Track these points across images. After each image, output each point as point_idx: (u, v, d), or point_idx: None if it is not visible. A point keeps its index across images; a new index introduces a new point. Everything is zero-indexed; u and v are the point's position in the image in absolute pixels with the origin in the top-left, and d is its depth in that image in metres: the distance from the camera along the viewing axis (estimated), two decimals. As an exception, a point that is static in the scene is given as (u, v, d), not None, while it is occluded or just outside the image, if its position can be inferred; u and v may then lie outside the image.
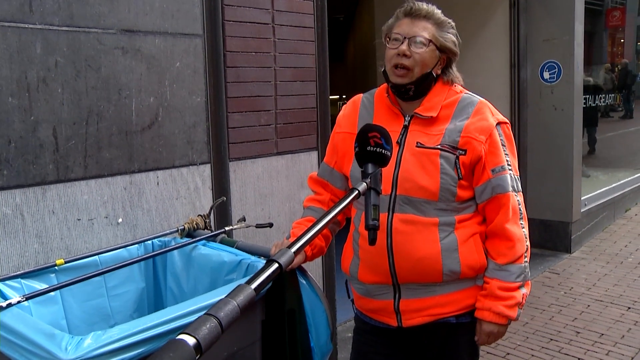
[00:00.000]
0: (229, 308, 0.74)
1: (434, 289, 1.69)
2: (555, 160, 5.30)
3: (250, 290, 0.78)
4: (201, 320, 0.72)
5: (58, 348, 1.31)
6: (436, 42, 1.65)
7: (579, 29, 5.16)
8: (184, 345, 0.68)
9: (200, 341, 0.69)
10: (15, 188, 1.97)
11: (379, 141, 1.30)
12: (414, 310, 1.72)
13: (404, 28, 1.65)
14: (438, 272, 1.66)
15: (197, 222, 2.20)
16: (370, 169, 1.26)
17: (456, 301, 1.71)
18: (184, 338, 0.69)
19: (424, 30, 1.64)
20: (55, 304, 1.86)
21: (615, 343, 3.55)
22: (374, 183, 1.22)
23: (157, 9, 2.35)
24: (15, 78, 1.96)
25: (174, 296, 2.11)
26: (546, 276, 4.82)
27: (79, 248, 2.14)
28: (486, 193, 1.67)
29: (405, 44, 1.63)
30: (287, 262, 0.87)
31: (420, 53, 1.63)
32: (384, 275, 1.70)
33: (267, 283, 0.83)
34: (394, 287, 1.71)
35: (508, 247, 1.67)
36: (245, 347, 1.76)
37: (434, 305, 1.71)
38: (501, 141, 1.68)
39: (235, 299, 0.76)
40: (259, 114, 2.78)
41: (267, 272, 0.84)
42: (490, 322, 1.68)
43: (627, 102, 8.48)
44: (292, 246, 0.91)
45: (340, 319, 3.60)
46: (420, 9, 1.66)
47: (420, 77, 1.65)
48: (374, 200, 1.21)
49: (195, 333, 0.69)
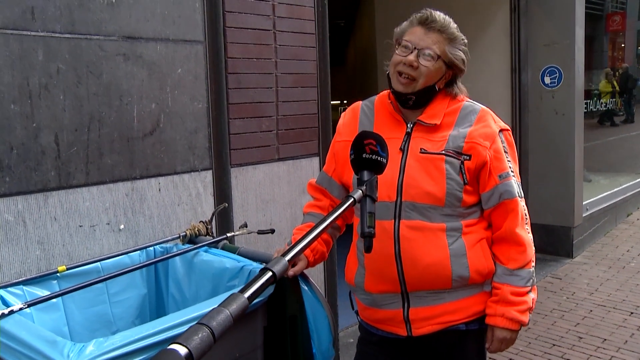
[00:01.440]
0: (221, 317, 0.74)
1: (442, 296, 1.68)
2: (557, 164, 5.30)
3: (243, 299, 0.78)
4: (193, 330, 0.71)
5: (60, 355, 1.31)
6: (445, 57, 1.63)
7: (580, 34, 5.17)
8: (175, 355, 0.67)
9: (192, 351, 0.69)
10: (17, 195, 1.97)
11: (374, 148, 1.29)
12: (423, 318, 1.70)
13: (416, 38, 1.63)
14: (447, 278, 1.65)
15: (198, 228, 2.20)
16: (366, 176, 1.26)
17: (465, 308, 1.70)
18: (176, 348, 0.68)
19: (434, 44, 1.62)
20: (57, 311, 1.85)
21: (618, 348, 3.53)
22: (369, 190, 1.22)
23: (159, 15, 2.36)
24: (17, 85, 1.96)
25: (176, 302, 2.11)
26: (548, 281, 4.81)
27: (81, 255, 2.13)
28: (494, 199, 1.67)
29: (414, 55, 1.61)
30: (281, 270, 0.87)
31: (427, 66, 1.62)
32: (392, 284, 1.68)
33: (261, 292, 0.82)
34: (403, 295, 1.70)
35: (519, 252, 1.67)
36: (247, 353, 1.76)
37: (444, 313, 1.69)
38: (504, 148, 1.68)
39: (228, 308, 0.75)
40: (261, 119, 2.79)
41: (261, 281, 0.84)
42: (503, 328, 1.67)
43: (628, 107, 8.48)
44: (286, 254, 0.91)
45: (342, 324, 3.58)
46: (435, 21, 1.63)
47: (423, 89, 1.64)
48: (369, 208, 1.21)
49: (187, 343, 0.69)
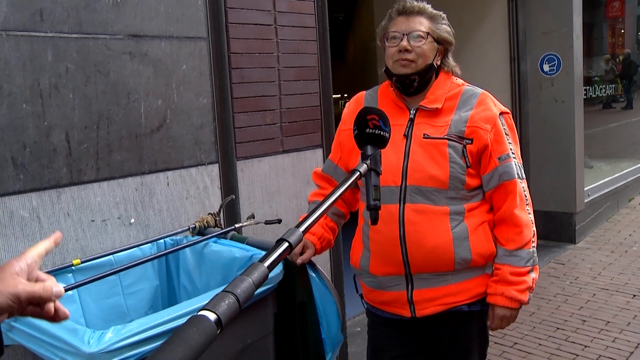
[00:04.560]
0: (245, 285, 0.77)
1: (445, 278, 1.74)
2: (558, 151, 5.33)
3: (263, 268, 0.81)
4: (220, 297, 0.74)
5: (81, 342, 1.37)
6: (433, 34, 1.72)
7: (577, 21, 5.19)
8: (205, 320, 0.70)
9: (221, 316, 0.71)
10: (31, 192, 2.02)
11: (377, 123, 1.33)
12: (427, 300, 1.76)
13: (401, 26, 1.72)
14: (450, 261, 1.70)
15: (207, 220, 2.25)
16: (370, 150, 1.29)
17: (468, 290, 1.76)
18: (205, 314, 0.71)
19: (420, 25, 1.71)
20: (74, 303, 1.91)
21: (621, 330, 3.59)
22: (373, 164, 1.25)
23: (162, 13, 2.41)
24: (29, 85, 2.01)
25: (187, 293, 2.16)
26: (551, 267, 4.86)
27: (94, 249, 2.19)
28: (493, 180, 1.72)
29: (405, 40, 1.69)
30: (296, 240, 0.89)
31: (420, 46, 1.70)
32: (397, 266, 1.74)
33: (279, 261, 0.85)
34: (407, 277, 1.75)
35: (516, 233, 1.72)
36: (258, 340, 1.81)
37: (447, 295, 1.75)
38: (504, 130, 1.73)
39: (250, 277, 0.78)
40: (264, 113, 2.83)
41: (279, 251, 0.86)
42: (503, 306, 1.73)
43: (628, 93, 8.49)
44: (300, 225, 0.93)
45: (350, 313, 3.63)
46: (412, 6, 1.73)
47: (424, 68, 1.72)
48: (374, 181, 1.24)
49: (215, 309, 0.72)
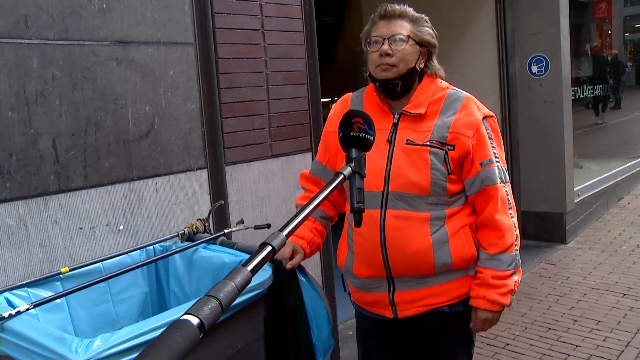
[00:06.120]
0: (228, 289, 0.77)
1: (427, 281, 1.75)
2: (547, 152, 5.35)
3: (246, 271, 0.81)
4: (202, 301, 0.74)
5: (69, 350, 1.35)
6: (415, 37, 1.72)
7: (565, 22, 5.23)
8: (188, 324, 0.70)
9: (204, 320, 0.72)
10: (18, 200, 2.01)
11: (362, 126, 1.33)
12: (408, 301, 1.77)
13: (382, 30, 1.72)
14: (430, 265, 1.71)
15: (196, 226, 2.24)
16: (354, 153, 1.30)
17: (449, 291, 1.77)
18: (188, 318, 0.71)
19: (401, 29, 1.71)
20: (62, 311, 1.89)
21: (611, 329, 3.61)
22: (358, 167, 1.26)
23: (149, 19, 2.40)
24: (14, 92, 2.00)
25: (177, 299, 2.15)
26: (542, 267, 4.88)
27: (82, 256, 2.17)
28: (475, 185, 1.73)
29: (387, 44, 1.69)
30: (279, 244, 0.90)
31: (402, 50, 1.69)
32: (378, 269, 1.75)
33: (263, 265, 0.85)
34: (388, 280, 1.77)
35: (498, 237, 1.72)
36: (249, 345, 1.80)
37: (428, 296, 1.76)
38: (488, 134, 1.73)
39: (233, 281, 0.79)
40: (253, 118, 2.83)
41: (262, 255, 0.87)
42: (485, 309, 1.74)
43: (617, 92, 8.55)
44: (283, 229, 0.94)
45: (342, 317, 3.63)
46: (394, 10, 1.73)
47: (406, 72, 1.71)
48: (358, 184, 1.25)
49: (197, 313, 0.72)
